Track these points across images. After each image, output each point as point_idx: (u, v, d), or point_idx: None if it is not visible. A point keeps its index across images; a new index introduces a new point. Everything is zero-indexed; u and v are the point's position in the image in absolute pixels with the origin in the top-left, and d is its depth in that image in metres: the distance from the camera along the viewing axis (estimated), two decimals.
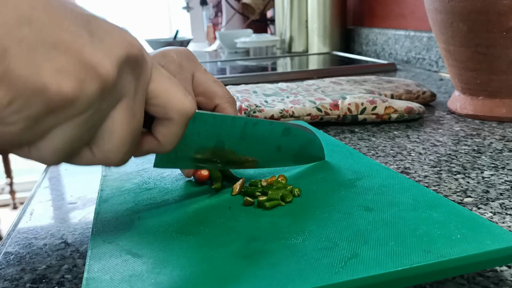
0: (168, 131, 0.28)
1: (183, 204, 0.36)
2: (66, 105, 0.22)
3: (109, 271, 0.26)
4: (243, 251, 0.28)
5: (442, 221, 0.30)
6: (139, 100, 0.26)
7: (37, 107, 0.21)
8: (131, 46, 0.24)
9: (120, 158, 0.26)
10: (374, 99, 0.65)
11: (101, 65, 0.22)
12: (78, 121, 0.23)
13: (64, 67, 0.21)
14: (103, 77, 0.22)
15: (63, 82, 0.21)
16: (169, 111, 0.27)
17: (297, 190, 0.36)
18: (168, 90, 0.27)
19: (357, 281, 0.24)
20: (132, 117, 0.25)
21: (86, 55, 0.22)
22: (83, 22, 0.23)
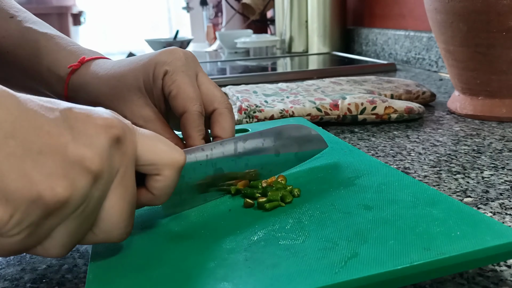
0: (162, 185, 0.28)
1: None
2: (63, 205, 0.23)
3: (109, 273, 0.26)
4: (243, 253, 0.28)
5: (442, 218, 0.30)
6: (129, 174, 0.26)
7: (36, 214, 0.22)
8: (111, 128, 0.25)
9: (122, 232, 0.27)
10: (374, 99, 0.65)
11: (87, 159, 0.23)
12: (76, 214, 0.24)
13: (54, 171, 0.22)
14: (91, 170, 0.23)
15: (55, 185, 0.22)
16: (160, 168, 0.28)
17: (296, 190, 0.36)
18: (156, 149, 0.28)
19: (357, 281, 0.24)
20: (125, 193, 0.26)
21: (71, 153, 0.23)
22: (61, 119, 0.24)
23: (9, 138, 0.21)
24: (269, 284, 0.24)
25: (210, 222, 0.33)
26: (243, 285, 0.24)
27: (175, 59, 0.40)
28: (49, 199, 0.22)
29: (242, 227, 0.31)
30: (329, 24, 1.41)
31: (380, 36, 1.32)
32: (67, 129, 0.23)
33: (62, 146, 0.23)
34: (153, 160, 0.28)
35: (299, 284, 0.24)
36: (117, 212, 0.26)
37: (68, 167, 0.23)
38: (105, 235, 0.26)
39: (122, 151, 0.26)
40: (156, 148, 0.28)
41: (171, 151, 0.28)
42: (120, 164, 0.25)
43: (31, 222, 0.22)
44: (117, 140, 0.25)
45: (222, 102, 0.41)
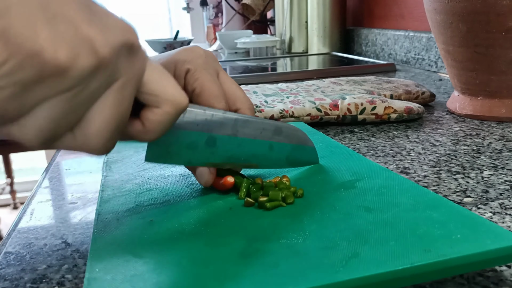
0: (156, 118, 0.28)
1: (184, 205, 0.36)
2: (58, 75, 0.21)
3: (110, 271, 0.26)
4: (244, 251, 0.28)
5: (442, 221, 0.30)
6: (131, 87, 0.25)
7: (29, 72, 0.21)
8: (129, 33, 0.24)
9: (101, 144, 0.25)
10: (373, 99, 0.65)
11: (98, 42, 0.22)
12: (67, 97, 0.22)
13: (62, 36, 0.21)
14: (99, 54, 0.22)
15: (59, 50, 0.21)
16: (161, 100, 0.27)
17: (300, 191, 0.36)
18: (162, 81, 0.27)
19: (358, 280, 0.24)
20: (120, 102, 0.25)
21: (85, 30, 0.22)
22: (85, 3, 0.23)
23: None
24: (270, 282, 0.24)
25: (210, 220, 0.33)
26: (243, 283, 0.24)
27: (195, 57, 0.39)
28: (47, 60, 0.21)
29: (242, 225, 0.31)
30: (329, 25, 1.41)
31: (380, 36, 1.32)
32: (89, 13, 0.23)
33: (79, 20, 0.22)
34: (157, 91, 0.27)
35: (300, 282, 0.24)
36: (105, 118, 0.25)
37: (77, 40, 0.22)
38: (84, 141, 0.25)
39: (131, 61, 0.25)
40: (164, 81, 0.27)
41: (177, 90, 0.28)
42: (125, 73, 0.25)
43: (21, 79, 0.21)
44: (130, 46, 0.25)
45: (245, 102, 0.40)
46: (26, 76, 0.21)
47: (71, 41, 0.22)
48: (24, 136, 0.23)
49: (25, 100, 0.22)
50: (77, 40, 0.22)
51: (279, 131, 0.39)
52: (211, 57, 0.41)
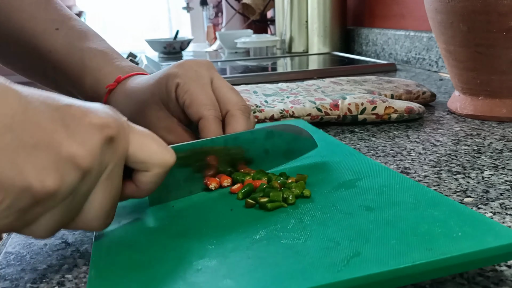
0: (147, 180, 0.30)
1: (185, 205, 0.36)
2: (51, 197, 0.24)
3: (112, 272, 0.26)
4: (246, 251, 0.28)
5: (443, 219, 0.30)
6: (117, 171, 0.28)
7: (25, 202, 0.24)
8: (105, 128, 0.26)
9: (101, 223, 0.28)
10: (374, 99, 0.65)
11: (78, 157, 0.25)
12: (63, 205, 0.25)
13: (45, 165, 0.24)
14: (81, 167, 0.25)
15: (45, 178, 0.24)
16: (149, 166, 0.29)
17: (307, 192, 0.36)
18: (147, 148, 0.29)
19: (360, 279, 0.24)
20: (110, 188, 0.28)
21: (64, 149, 0.24)
22: (58, 117, 0.25)
23: (7, 132, 0.23)
24: (272, 282, 0.24)
25: (211, 221, 0.33)
26: (246, 282, 0.24)
27: (185, 71, 0.41)
28: (38, 190, 0.23)
29: (244, 226, 0.31)
30: (329, 24, 1.41)
31: (380, 36, 1.32)
32: (63, 126, 0.25)
33: (56, 142, 0.24)
34: (144, 159, 0.29)
35: (302, 282, 0.24)
36: (99, 205, 0.27)
37: (59, 162, 0.24)
38: (84, 225, 0.28)
39: (114, 150, 0.27)
40: (148, 147, 0.29)
41: (162, 151, 0.30)
42: (109, 161, 0.27)
43: (19, 208, 0.24)
44: (110, 140, 0.26)
45: (235, 103, 0.41)
46: (22, 206, 0.24)
47: (54, 167, 0.24)
48: (34, 235, 0.26)
49: (27, 218, 0.25)
50: (59, 162, 0.24)
51: (271, 135, 0.40)
52: (205, 67, 0.42)
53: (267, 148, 0.40)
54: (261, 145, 0.40)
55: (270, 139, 0.40)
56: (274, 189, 0.35)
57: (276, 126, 0.41)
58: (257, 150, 0.40)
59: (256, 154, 0.40)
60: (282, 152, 0.42)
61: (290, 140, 0.42)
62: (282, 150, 0.42)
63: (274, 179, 0.38)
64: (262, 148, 0.40)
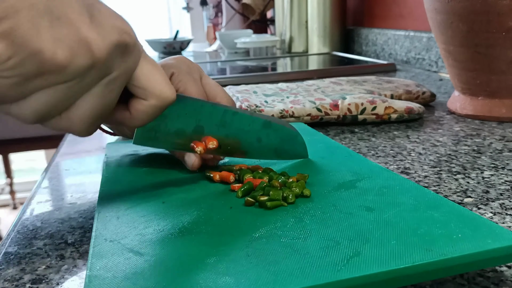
0: (142, 108, 0.30)
1: (184, 204, 0.36)
2: (56, 71, 0.24)
3: (111, 269, 0.26)
4: (245, 249, 0.28)
5: (443, 220, 0.30)
6: (119, 82, 0.28)
7: (30, 67, 0.23)
8: (125, 33, 0.27)
9: (83, 129, 0.28)
10: (374, 99, 0.65)
11: (95, 44, 0.25)
12: (62, 88, 0.25)
13: (62, 38, 0.24)
14: (95, 55, 0.25)
15: (58, 50, 0.24)
16: (148, 94, 0.30)
17: (307, 191, 0.36)
18: (152, 76, 0.30)
19: (360, 279, 0.24)
20: (106, 95, 0.28)
21: (84, 32, 0.25)
22: (88, 5, 0.25)
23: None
24: (271, 280, 0.24)
25: (211, 218, 0.33)
26: (245, 280, 0.24)
27: (180, 63, 0.44)
28: (47, 59, 0.23)
29: (243, 224, 0.31)
30: (329, 24, 1.41)
31: (380, 36, 1.32)
32: (90, 14, 0.25)
33: (79, 23, 0.24)
34: (145, 85, 0.29)
35: (301, 280, 0.24)
36: (89, 108, 0.27)
37: (76, 42, 0.24)
38: (68, 123, 0.27)
39: (124, 59, 0.27)
40: (154, 76, 0.30)
41: (165, 85, 0.30)
42: (117, 69, 0.27)
43: (23, 72, 0.23)
44: (125, 46, 0.27)
45: (223, 97, 0.44)
46: (27, 71, 0.23)
47: (70, 43, 0.24)
48: (20, 114, 0.26)
49: (25, 88, 0.24)
50: (75, 41, 0.24)
51: (268, 125, 0.41)
52: (196, 66, 0.46)
53: (261, 136, 0.41)
54: (256, 130, 0.40)
55: (266, 129, 0.41)
56: (274, 188, 0.35)
57: (277, 120, 0.42)
58: (251, 134, 0.40)
59: (249, 137, 0.40)
60: (274, 146, 0.42)
61: (285, 137, 0.43)
62: (274, 145, 0.42)
63: (275, 178, 0.38)
64: (256, 134, 0.41)
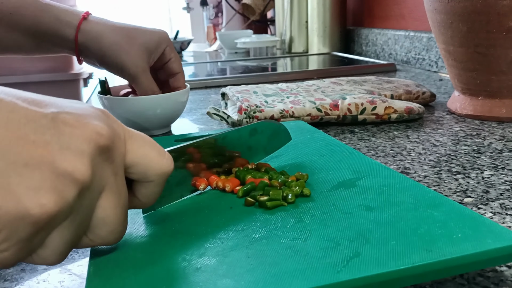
0: (149, 191, 0.29)
1: (184, 205, 0.36)
2: (52, 219, 0.22)
3: (111, 268, 0.26)
4: (245, 250, 0.28)
5: (443, 220, 0.30)
6: (120, 180, 0.26)
7: (24, 231, 0.21)
8: (99, 137, 0.24)
9: (118, 236, 0.27)
10: (374, 99, 0.65)
11: (75, 170, 0.22)
12: (67, 223, 0.23)
13: (41, 184, 0.21)
14: (80, 181, 0.22)
15: (43, 200, 0.21)
16: (149, 176, 0.28)
17: (306, 191, 0.36)
18: (145, 157, 0.27)
19: (359, 280, 0.24)
20: (119, 199, 0.26)
21: (59, 164, 0.22)
22: (48, 126, 0.22)
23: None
24: (271, 282, 0.24)
25: (211, 219, 0.33)
26: (245, 282, 0.24)
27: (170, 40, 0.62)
28: (37, 216, 0.21)
29: (243, 224, 0.31)
30: (329, 25, 1.41)
31: (380, 36, 1.32)
32: (54, 137, 0.22)
33: (49, 157, 0.22)
34: (144, 170, 0.28)
35: (301, 282, 0.24)
36: (113, 219, 0.26)
37: (56, 179, 0.22)
38: (102, 240, 0.26)
39: (111, 160, 0.25)
40: (147, 155, 0.28)
41: (161, 159, 0.28)
42: (109, 173, 0.25)
43: (20, 238, 0.21)
44: (106, 150, 0.24)
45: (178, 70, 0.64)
46: (23, 235, 0.21)
47: (50, 185, 0.21)
48: (46, 261, 0.24)
49: (31, 246, 0.22)
50: (55, 179, 0.22)
51: (254, 132, 0.42)
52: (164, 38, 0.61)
53: (250, 144, 0.42)
54: (245, 141, 0.42)
55: (253, 136, 0.42)
56: (274, 188, 0.35)
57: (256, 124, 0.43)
58: (242, 147, 0.42)
59: (241, 151, 0.42)
60: (262, 147, 0.44)
61: (271, 134, 0.44)
62: (263, 145, 0.44)
63: (275, 177, 0.38)
64: (246, 145, 0.42)
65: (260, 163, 0.42)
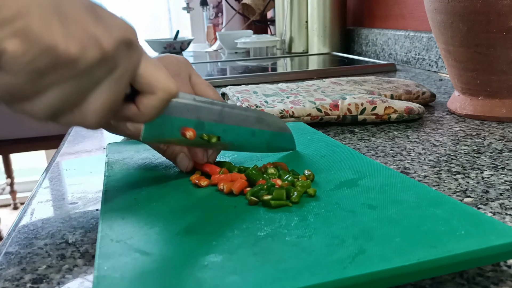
0: (150, 102, 0.32)
1: (188, 203, 0.36)
2: (68, 65, 0.25)
3: (119, 269, 0.26)
4: (251, 248, 0.28)
5: (446, 218, 0.30)
6: (126, 76, 0.30)
7: (44, 62, 0.25)
8: (128, 31, 0.29)
9: (95, 121, 0.29)
10: (374, 99, 0.65)
11: (103, 39, 0.27)
12: (73, 83, 0.27)
13: (72, 34, 0.25)
14: (104, 49, 0.27)
15: (70, 45, 0.25)
16: (154, 88, 0.32)
17: (311, 190, 0.36)
18: (156, 72, 0.32)
19: (366, 276, 0.24)
20: (116, 89, 0.29)
21: (92, 28, 0.26)
22: (92, 8, 0.27)
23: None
24: (279, 278, 0.24)
25: (215, 218, 0.33)
26: (252, 278, 0.24)
27: (167, 64, 0.44)
28: (60, 53, 0.25)
29: (248, 223, 0.32)
30: (329, 25, 1.41)
31: (380, 36, 1.32)
32: (95, 15, 0.27)
33: (87, 22, 0.26)
34: (151, 81, 0.31)
35: (308, 278, 0.24)
36: (101, 101, 0.29)
37: (85, 37, 0.26)
38: (80, 117, 0.29)
39: (129, 55, 0.29)
40: (157, 72, 0.32)
41: (169, 79, 0.32)
42: (123, 64, 0.29)
43: (37, 68, 0.24)
44: (129, 43, 0.29)
45: (213, 96, 0.45)
46: (41, 66, 0.25)
47: (80, 38, 0.26)
48: (34, 111, 0.27)
49: (39, 83, 0.25)
50: (85, 37, 0.26)
51: (261, 120, 0.44)
52: (184, 63, 0.46)
53: (255, 131, 0.43)
54: (250, 125, 0.43)
55: (259, 124, 0.43)
56: (278, 187, 0.35)
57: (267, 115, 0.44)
58: (246, 129, 0.43)
59: (244, 131, 0.43)
60: (266, 140, 0.45)
61: (276, 131, 0.45)
62: (267, 139, 0.45)
63: (284, 177, 0.38)
64: (250, 129, 0.43)
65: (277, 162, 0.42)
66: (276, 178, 0.38)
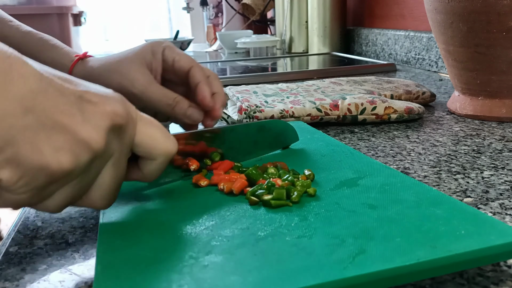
0: (153, 167, 0.33)
1: (189, 203, 0.36)
2: (66, 176, 0.26)
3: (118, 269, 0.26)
4: (251, 248, 0.28)
5: (446, 217, 0.30)
6: (123, 157, 0.31)
7: (41, 180, 0.26)
8: (116, 116, 0.28)
9: (104, 204, 0.31)
10: (374, 99, 0.65)
11: (92, 140, 0.27)
12: (75, 183, 0.28)
13: (62, 146, 0.26)
14: (94, 149, 0.27)
15: (62, 158, 0.26)
16: (154, 155, 0.32)
17: (311, 190, 0.36)
18: (153, 137, 0.32)
19: (366, 276, 0.24)
20: (116, 173, 0.30)
21: (79, 133, 0.26)
22: (75, 100, 0.27)
23: (28, 113, 0.24)
24: (279, 278, 0.24)
25: (215, 217, 0.33)
26: (253, 279, 0.24)
27: (165, 42, 0.52)
28: (55, 170, 0.25)
29: (248, 223, 0.32)
30: (329, 25, 1.41)
31: (380, 36, 1.32)
32: (79, 110, 0.27)
33: (72, 125, 0.26)
34: (150, 149, 0.32)
35: (308, 278, 0.24)
36: (106, 187, 0.30)
37: (75, 144, 0.26)
38: (90, 202, 0.31)
39: (121, 138, 0.29)
40: (154, 137, 0.32)
41: (167, 140, 0.32)
42: (117, 148, 0.29)
43: (36, 186, 0.26)
44: (119, 128, 0.29)
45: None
46: (39, 183, 0.26)
47: (70, 148, 0.26)
48: (47, 209, 0.29)
49: (43, 194, 0.27)
50: (74, 144, 0.26)
51: (262, 128, 0.45)
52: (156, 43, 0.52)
53: (257, 139, 0.44)
54: (252, 136, 0.44)
55: (261, 132, 0.44)
56: (278, 187, 0.35)
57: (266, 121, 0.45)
58: (248, 141, 0.44)
59: (246, 144, 0.44)
60: (268, 143, 0.46)
61: (278, 132, 0.46)
62: (269, 141, 0.46)
63: (284, 176, 0.38)
64: (252, 139, 0.44)
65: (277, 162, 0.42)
66: (276, 178, 0.38)
